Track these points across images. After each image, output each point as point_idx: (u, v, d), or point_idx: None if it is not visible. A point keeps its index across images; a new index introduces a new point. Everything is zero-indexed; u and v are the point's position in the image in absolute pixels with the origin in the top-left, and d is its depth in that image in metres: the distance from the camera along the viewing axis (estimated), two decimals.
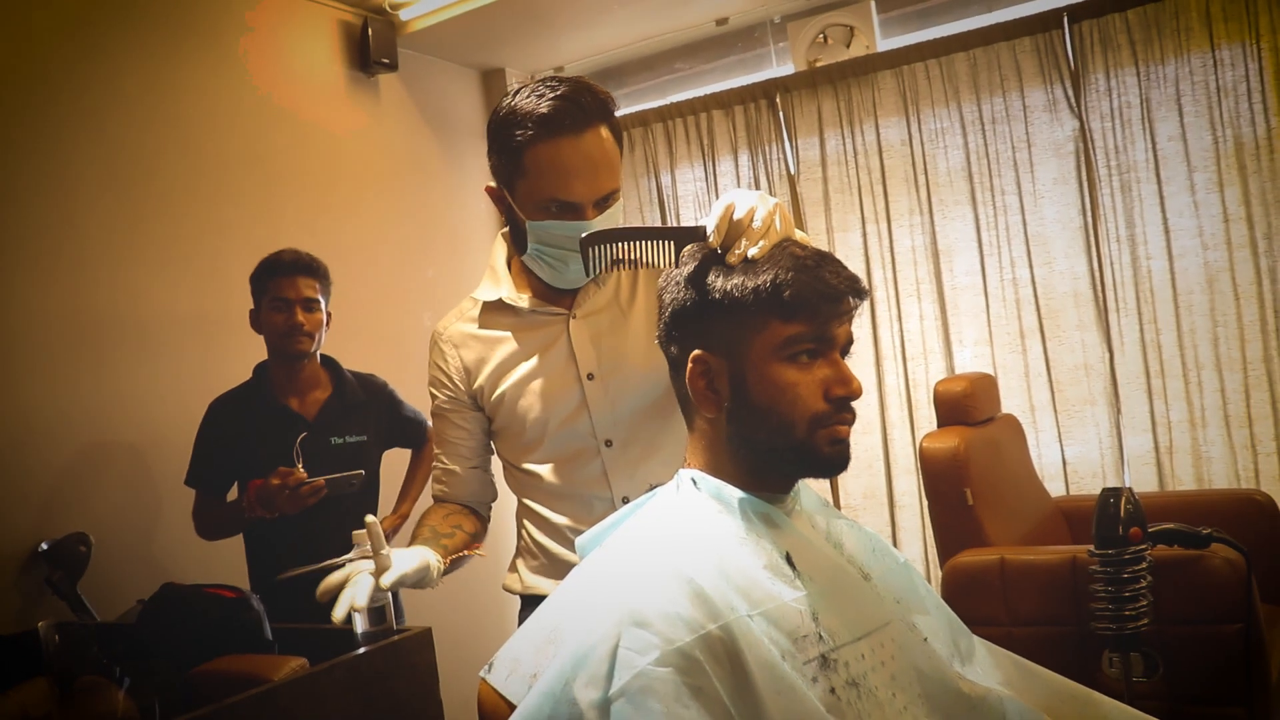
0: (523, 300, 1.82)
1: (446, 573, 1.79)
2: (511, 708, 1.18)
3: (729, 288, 1.26)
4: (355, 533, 1.71)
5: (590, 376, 1.78)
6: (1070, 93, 3.82)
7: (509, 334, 1.84)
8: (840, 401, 1.26)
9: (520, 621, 1.83)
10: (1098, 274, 3.83)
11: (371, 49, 3.98)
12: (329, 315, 2.85)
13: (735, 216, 1.30)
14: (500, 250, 1.89)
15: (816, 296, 1.24)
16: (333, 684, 1.70)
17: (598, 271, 1.36)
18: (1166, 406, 3.74)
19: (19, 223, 2.87)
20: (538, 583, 1.86)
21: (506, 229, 1.87)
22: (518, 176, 1.67)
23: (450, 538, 1.82)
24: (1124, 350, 3.80)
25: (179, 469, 2.85)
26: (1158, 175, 3.70)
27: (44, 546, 2.76)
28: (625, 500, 1.76)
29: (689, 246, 1.35)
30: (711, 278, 1.29)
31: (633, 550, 1.25)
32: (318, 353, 2.85)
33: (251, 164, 3.56)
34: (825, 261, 1.27)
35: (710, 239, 1.31)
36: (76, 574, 2.76)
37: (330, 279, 2.86)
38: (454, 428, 1.91)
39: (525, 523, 1.91)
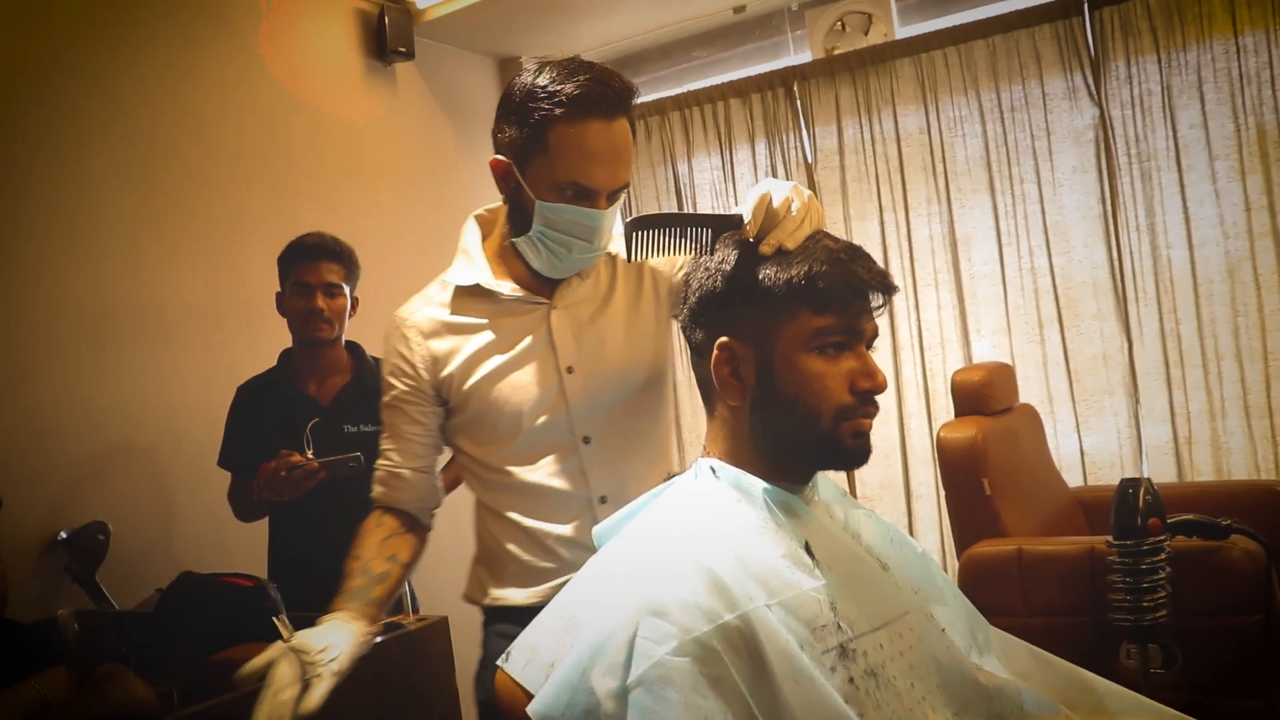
0: (502, 287, 1.73)
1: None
2: (529, 696, 1.18)
3: (763, 276, 1.27)
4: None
5: (570, 370, 1.71)
6: (1090, 80, 3.80)
7: (484, 321, 1.74)
8: (865, 394, 1.27)
9: (486, 636, 1.79)
10: (1117, 263, 3.81)
11: (388, 38, 3.97)
12: (355, 301, 2.80)
13: (772, 206, 1.30)
14: (473, 232, 1.80)
15: (849, 290, 1.26)
16: (350, 672, 1.70)
17: (641, 258, 1.34)
18: (1186, 397, 3.72)
19: (37, 213, 2.88)
20: (506, 594, 1.75)
21: (482, 211, 1.82)
22: (537, 153, 1.60)
23: (383, 581, 1.69)
24: (1143, 340, 3.78)
25: (197, 458, 2.86)
26: (1178, 163, 3.68)
27: (63, 535, 2.77)
28: (604, 500, 1.71)
29: (715, 242, 1.36)
30: (744, 265, 1.29)
31: (650, 540, 1.25)
32: (341, 338, 2.81)
33: (268, 153, 3.55)
34: (858, 256, 1.29)
35: (746, 228, 1.31)
36: (95, 563, 2.77)
37: (357, 263, 2.82)
38: (410, 422, 1.77)
39: (490, 528, 1.79)
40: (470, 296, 1.74)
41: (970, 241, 4.06)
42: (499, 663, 1.28)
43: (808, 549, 1.24)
